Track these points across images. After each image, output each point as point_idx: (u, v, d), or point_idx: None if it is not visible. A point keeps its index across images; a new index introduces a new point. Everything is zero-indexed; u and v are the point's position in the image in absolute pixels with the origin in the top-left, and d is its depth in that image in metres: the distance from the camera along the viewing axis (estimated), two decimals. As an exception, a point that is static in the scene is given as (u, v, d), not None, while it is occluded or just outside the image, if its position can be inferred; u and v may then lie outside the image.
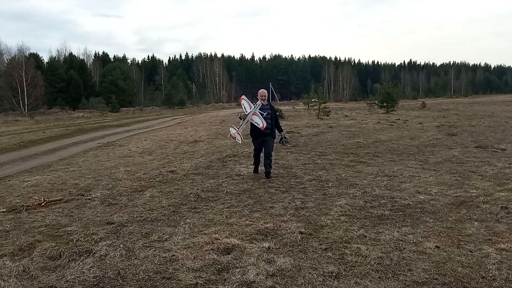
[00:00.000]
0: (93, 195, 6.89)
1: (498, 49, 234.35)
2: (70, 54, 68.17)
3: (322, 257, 4.10)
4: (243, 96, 8.12)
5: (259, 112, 7.74)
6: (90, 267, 3.95)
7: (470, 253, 4.09)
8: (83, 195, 6.91)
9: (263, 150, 8.07)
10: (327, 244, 4.41)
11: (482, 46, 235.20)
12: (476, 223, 5.01)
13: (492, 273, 3.62)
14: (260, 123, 7.65)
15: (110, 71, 62.55)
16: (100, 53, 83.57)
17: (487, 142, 12.50)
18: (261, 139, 7.89)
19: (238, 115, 8.24)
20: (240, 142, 8.48)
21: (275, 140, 8.24)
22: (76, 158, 11.71)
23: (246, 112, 7.85)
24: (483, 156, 9.89)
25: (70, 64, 63.40)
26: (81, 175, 8.77)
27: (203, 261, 4.00)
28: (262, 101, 7.87)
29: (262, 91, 8.07)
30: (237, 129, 8.20)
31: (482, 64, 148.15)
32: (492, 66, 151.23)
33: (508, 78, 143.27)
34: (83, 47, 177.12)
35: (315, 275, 3.69)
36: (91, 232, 4.95)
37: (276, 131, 8.21)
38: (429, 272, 3.69)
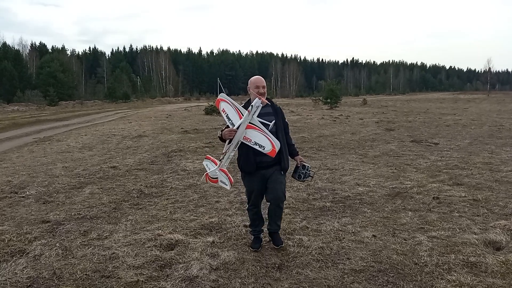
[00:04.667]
0: (28, 193, 6.50)
1: (433, 49, 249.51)
2: (4, 44, 63.76)
3: (265, 249, 4.16)
4: (222, 95, 4.21)
5: (260, 121, 3.93)
6: (23, 267, 3.74)
7: (404, 241, 4.32)
8: (17, 193, 6.51)
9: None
10: (271, 237, 4.48)
11: (419, 46, 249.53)
12: (410, 212, 5.30)
13: (424, 259, 3.85)
14: (268, 143, 3.86)
15: (48, 63, 59.23)
16: (37, 44, 78.99)
17: (422, 136, 13.25)
18: (261, 175, 4.06)
19: (219, 131, 4.16)
20: (228, 187, 4.12)
21: (287, 173, 4.31)
22: (9, 154, 10.99)
23: (234, 124, 3.95)
24: (418, 150, 10.48)
25: (4, 54, 59.13)
26: (14, 172, 8.24)
27: (144, 258, 3.92)
28: (260, 98, 3.97)
29: (258, 79, 4.15)
30: (219, 163, 4.08)
31: (419, 63, 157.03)
32: (428, 66, 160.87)
33: (442, 77, 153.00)
34: (18, 36, 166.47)
35: (258, 267, 3.74)
36: (25, 231, 4.68)
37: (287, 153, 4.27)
38: (366, 260, 3.86)
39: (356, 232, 4.60)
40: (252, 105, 3.93)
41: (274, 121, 3.95)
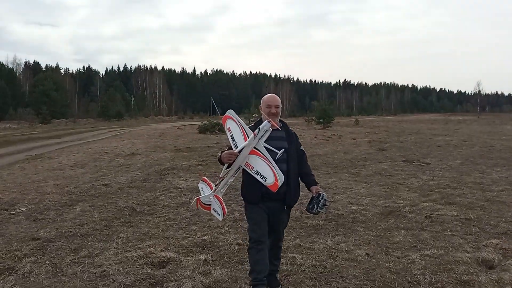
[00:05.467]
0: (18, 210, 6.43)
1: (423, 71, 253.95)
2: (-3, 62, 63.73)
3: (258, 267, 4.11)
4: (230, 112, 3.55)
5: (267, 147, 3.34)
6: (12, 285, 3.69)
7: (397, 260, 4.31)
8: (7, 210, 6.44)
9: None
10: (264, 255, 4.44)
11: (410, 68, 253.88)
12: (403, 231, 5.31)
13: (417, 277, 3.84)
14: (270, 175, 3.24)
15: (41, 81, 59.22)
16: (31, 62, 79.19)
17: (414, 156, 13.35)
18: (265, 206, 3.44)
19: (218, 152, 3.58)
20: (220, 218, 3.59)
21: (297, 206, 4.03)
22: (0, 172, 10.87)
23: (238, 146, 3.38)
24: (410, 170, 10.55)
25: (-3, 72, 59.18)
26: (5, 189, 8.15)
27: (136, 275, 3.86)
28: (270, 120, 3.35)
29: (270, 98, 3.58)
30: (214, 189, 3.61)
31: (410, 85, 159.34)
32: (419, 87, 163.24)
33: (432, 99, 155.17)
34: (13, 55, 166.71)
35: (251, 285, 3.69)
36: (14, 248, 4.62)
37: (301, 182, 3.77)
38: (359, 279, 3.84)
39: (349, 250, 4.59)
40: (259, 128, 3.29)
41: (283, 149, 3.33)
